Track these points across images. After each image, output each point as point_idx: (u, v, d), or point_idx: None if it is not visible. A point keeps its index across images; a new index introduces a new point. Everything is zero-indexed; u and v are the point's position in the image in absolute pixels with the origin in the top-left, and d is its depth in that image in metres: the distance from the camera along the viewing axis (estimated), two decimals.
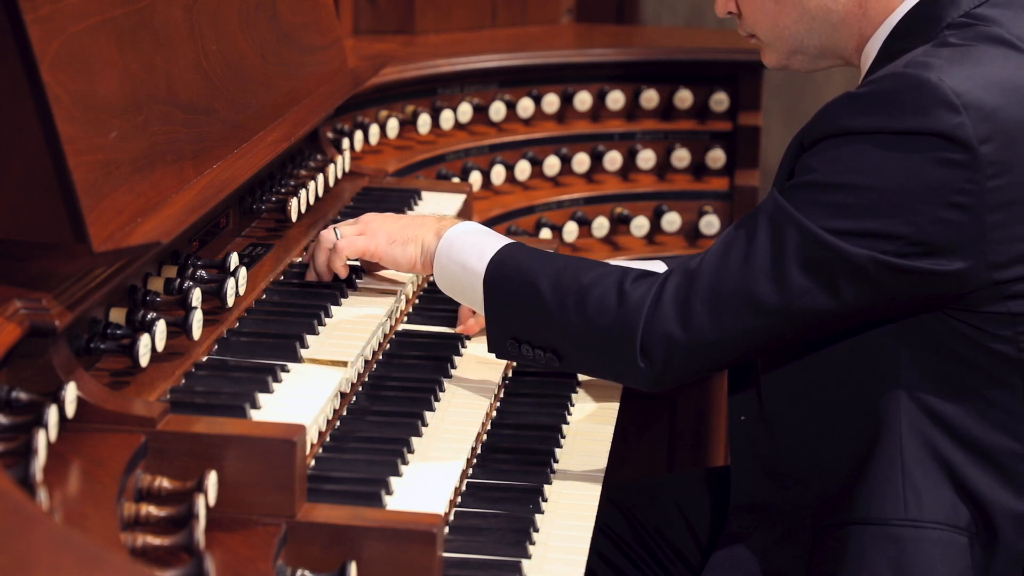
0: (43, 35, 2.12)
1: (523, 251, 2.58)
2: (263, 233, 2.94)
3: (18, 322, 2.07)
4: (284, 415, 2.23)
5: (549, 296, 2.49)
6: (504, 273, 2.55)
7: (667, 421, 4.31)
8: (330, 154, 3.36)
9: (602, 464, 2.62)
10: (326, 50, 3.34)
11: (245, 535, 2.08)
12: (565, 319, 2.48)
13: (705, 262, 2.42)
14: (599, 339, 2.46)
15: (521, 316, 2.53)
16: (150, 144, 2.38)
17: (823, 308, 2.36)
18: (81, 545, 1.53)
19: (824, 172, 2.36)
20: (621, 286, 2.45)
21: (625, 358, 2.43)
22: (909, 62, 2.37)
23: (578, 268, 2.51)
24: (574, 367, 2.58)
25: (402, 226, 2.71)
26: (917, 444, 2.43)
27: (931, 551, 2.41)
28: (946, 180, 2.30)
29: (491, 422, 2.69)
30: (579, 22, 4.98)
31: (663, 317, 2.41)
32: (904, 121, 2.31)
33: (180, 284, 2.45)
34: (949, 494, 2.43)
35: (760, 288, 2.37)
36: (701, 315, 2.39)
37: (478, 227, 2.66)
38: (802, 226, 2.35)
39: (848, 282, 2.34)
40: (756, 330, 2.39)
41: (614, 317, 2.44)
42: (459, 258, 2.61)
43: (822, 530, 2.50)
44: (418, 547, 2.11)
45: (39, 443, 1.90)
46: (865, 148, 2.33)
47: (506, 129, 4.14)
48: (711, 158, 4.27)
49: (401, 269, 2.72)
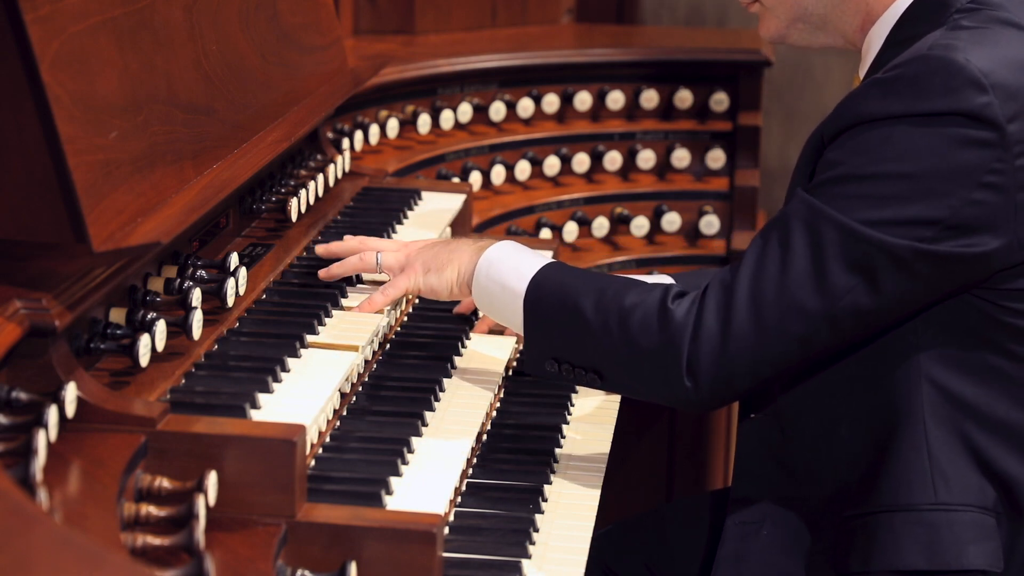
0: (43, 35, 2.12)
1: (564, 270, 2.56)
2: (263, 233, 2.95)
3: (18, 322, 2.07)
4: (284, 415, 2.23)
5: (592, 316, 2.46)
6: (545, 293, 2.53)
7: (667, 421, 4.31)
8: (330, 154, 3.36)
9: (602, 464, 2.62)
10: (326, 50, 3.34)
11: (245, 535, 2.08)
12: (608, 340, 2.45)
13: (741, 274, 2.39)
14: (644, 360, 2.43)
15: (563, 336, 2.51)
16: (150, 144, 2.38)
17: (866, 306, 2.34)
18: (81, 545, 1.53)
19: (853, 163, 2.34)
20: (663, 305, 2.42)
21: (670, 379, 2.41)
22: (933, 44, 2.36)
23: (621, 288, 2.48)
24: (616, 387, 2.55)
25: (437, 252, 2.70)
26: (941, 428, 2.43)
27: (963, 534, 2.41)
28: (977, 160, 2.30)
29: (491, 422, 2.69)
30: (579, 22, 4.98)
31: (707, 335, 2.38)
32: (932, 103, 2.30)
33: (180, 284, 2.45)
34: (975, 475, 2.44)
35: (802, 295, 2.35)
36: (744, 329, 2.37)
37: (517, 246, 2.64)
38: (839, 223, 2.32)
39: (890, 275, 2.32)
40: (801, 338, 2.37)
41: (658, 338, 2.41)
42: (498, 278, 2.59)
43: (845, 520, 2.49)
44: (418, 547, 2.11)
45: (39, 443, 1.90)
46: (893, 133, 2.32)
47: (506, 129, 4.14)
48: (711, 158, 4.27)
49: (440, 296, 2.70)
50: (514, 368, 2.87)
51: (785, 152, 6.18)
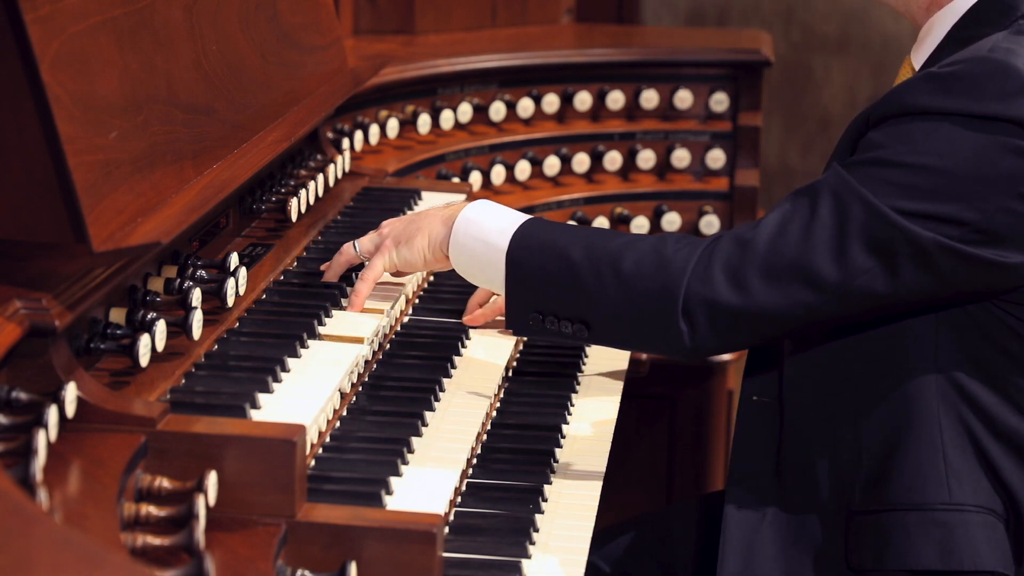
0: (43, 35, 2.12)
1: (547, 223, 2.54)
2: (263, 233, 2.95)
3: (18, 322, 2.07)
4: (284, 415, 2.23)
5: (581, 262, 2.43)
6: (530, 244, 2.49)
7: (667, 421, 4.31)
8: (330, 154, 3.36)
9: (602, 464, 2.62)
10: (326, 50, 3.34)
11: (245, 535, 2.08)
12: (600, 284, 2.42)
13: (761, 232, 2.36)
14: (637, 302, 2.40)
15: (548, 287, 2.46)
16: (150, 144, 2.38)
17: (880, 290, 2.33)
18: (81, 545, 1.53)
19: (894, 150, 2.33)
20: (660, 249, 2.40)
21: (664, 321, 2.38)
22: (994, 47, 2.34)
23: (609, 234, 2.47)
24: (604, 337, 2.49)
25: (406, 224, 2.68)
26: (955, 429, 2.42)
27: (977, 534, 2.41)
28: (1019, 170, 2.29)
29: (491, 422, 2.69)
30: (579, 22, 4.98)
31: (711, 280, 2.36)
32: (986, 105, 2.29)
33: (180, 284, 2.46)
34: (986, 479, 2.44)
35: (820, 262, 2.33)
36: (754, 283, 2.35)
37: (494, 204, 2.61)
38: (869, 203, 2.31)
39: (910, 265, 2.32)
40: (808, 305, 2.35)
41: (655, 278, 2.38)
42: (478, 234, 2.56)
43: (856, 516, 2.48)
44: (418, 547, 2.11)
45: (39, 443, 1.90)
46: (941, 128, 2.31)
47: (506, 129, 4.14)
48: (711, 158, 4.27)
49: (416, 268, 2.68)
50: (514, 368, 2.87)
51: (785, 152, 6.19)
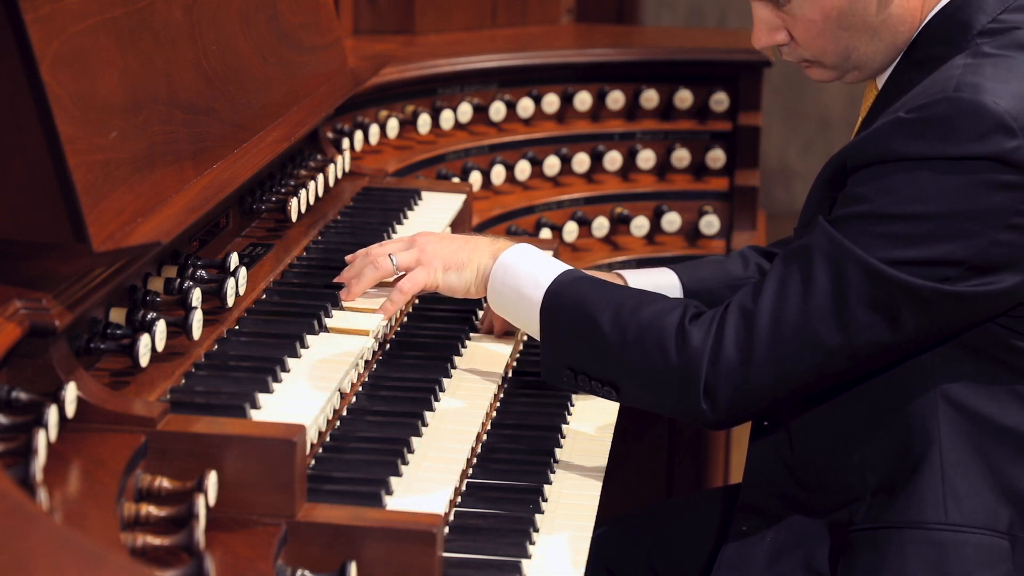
0: (43, 35, 2.12)
1: (580, 281, 2.55)
2: (263, 233, 2.95)
3: (18, 322, 2.07)
4: (284, 415, 2.23)
5: (608, 331, 2.46)
6: (561, 303, 2.53)
7: (667, 421, 4.31)
8: (330, 154, 3.36)
9: (602, 464, 2.62)
10: (326, 50, 3.34)
11: (245, 535, 2.08)
12: (625, 356, 2.46)
13: (762, 303, 2.39)
14: (661, 379, 2.44)
15: (579, 348, 2.51)
16: (150, 144, 2.38)
17: (884, 341, 2.36)
18: (81, 545, 1.53)
19: (879, 202, 2.33)
20: (681, 326, 2.42)
21: (687, 400, 2.42)
22: (959, 83, 2.33)
23: (638, 304, 2.48)
24: (632, 401, 2.54)
25: (455, 249, 2.68)
26: (957, 446, 2.43)
27: (972, 555, 2.41)
28: (1004, 203, 2.30)
29: (491, 422, 2.69)
30: (579, 22, 4.98)
31: (725, 362, 2.39)
32: (963, 147, 2.29)
33: (180, 284, 2.45)
34: (990, 497, 2.44)
35: (823, 329, 2.35)
36: (763, 359, 2.37)
37: (532, 250, 2.64)
38: (864, 263, 2.32)
39: (911, 314, 2.33)
40: (818, 367, 2.38)
41: (676, 360, 2.41)
42: (514, 283, 2.59)
43: (853, 534, 2.49)
44: (418, 547, 2.11)
45: (39, 443, 1.90)
46: (920, 175, 2.31)
47: (506, 129, 4.14)
48: (711, 158, 4.27)
49: (456, 295, 2.70)
50: (514, 368, 2.87)
51: (785, 152, 6.19)
